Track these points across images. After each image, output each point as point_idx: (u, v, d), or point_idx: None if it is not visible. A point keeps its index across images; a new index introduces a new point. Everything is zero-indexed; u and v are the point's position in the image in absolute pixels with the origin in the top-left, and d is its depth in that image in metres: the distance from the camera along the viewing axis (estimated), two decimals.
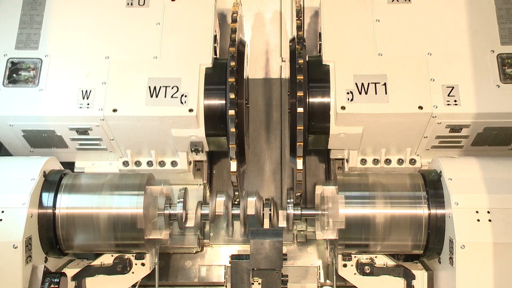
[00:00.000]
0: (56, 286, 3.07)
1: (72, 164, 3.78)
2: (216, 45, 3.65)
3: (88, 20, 3.59)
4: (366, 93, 3.32)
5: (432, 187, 3.24)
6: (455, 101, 3.31)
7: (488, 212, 3.01)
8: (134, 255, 3.43)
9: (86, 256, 3.66)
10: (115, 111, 3.32)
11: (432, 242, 3.21)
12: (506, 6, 3.54)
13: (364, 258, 3.41)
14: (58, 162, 3.53)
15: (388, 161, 3.68)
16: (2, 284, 2.93)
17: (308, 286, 3.98)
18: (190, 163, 3.71)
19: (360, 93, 3.32)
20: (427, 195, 3.24)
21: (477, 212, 3.01)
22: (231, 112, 3.16)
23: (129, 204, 3.23)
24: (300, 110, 3.14)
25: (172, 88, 3.35)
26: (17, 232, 2.97)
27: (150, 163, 3.66)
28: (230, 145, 3.19)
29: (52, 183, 3.28)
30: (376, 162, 3.69)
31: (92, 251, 3.49)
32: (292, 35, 3.85)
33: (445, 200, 3.17)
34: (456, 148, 3.62)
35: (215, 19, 3.65)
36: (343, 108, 3.29)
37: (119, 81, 3.39)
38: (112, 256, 3.41)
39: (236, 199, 3.52)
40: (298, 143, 3.15)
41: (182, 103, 3.31)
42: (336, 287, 3.59)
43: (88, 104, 3.34)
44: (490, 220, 2.99)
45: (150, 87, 3.35)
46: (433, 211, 3.20)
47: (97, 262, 3.40)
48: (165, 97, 3.32)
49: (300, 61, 3.26)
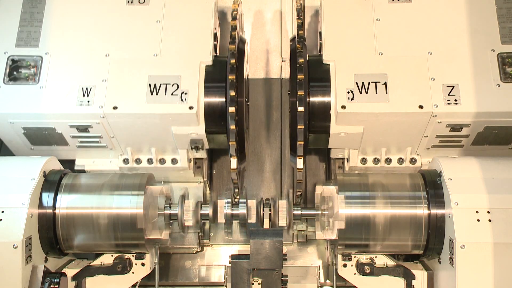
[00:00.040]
0: (56, 286, 3.06)
1: (72, 161, 3.78)
2: (216, 43, 3.65)
3: (89, 18, 3.59)
4: (367, 92, 3.32)
5: (432, 187, 3.24)
6: (456, 100, 3.30)
7: (488, 212, 3.01)
8: (134, 255, 3.43)
9: (86, 256, 3.66)
10: (115, 108, 3.32)
11: (432, 242, 3.21)
12: (506, 5, 3.54)
13: (364, 258, 3.40)
14: (58, 162, 3.53)
15: (388, 160, 3.67)
16: (2, 284, 2.93)
17: (308, 286, 3.98)
18: (190, 161, 3.70)
19: (360, 92, 3.32)
20: (427, 195, 3.23)
21: (477, 212, 3.01)
22: (231, 109, 3.16)
23: (129, 204, 3.23)
24: (301, 109, 3.14)
25: (172, 85, 3.35)
26: (17, 232, 2.97)
27: (150, 160, 3.66)
28: (230, 142, 3.19)
29: (52, 183, 3.28)
30: (376, 161, 3.69)
31: (92, 251, 3.48)
32: (293, 35, 3.84)
33: (445, 200, 3.17)
34: (456, 147, 3.62)
35: (215, 17, 3.65)
36: (343, 107, 3.28)
37: (119, 78, 3.39)
38: (112, 256, 3.41)
39: (237, 195, 3.52)
40: (298, 142, 3.15)
41: (182, 100, 3.31)
42: (336, 287, 3.59)
43: (88, 101, 3.34)
44: (490, 220, 2.99)
45: (150, 85, 3.35)
46: (433, 211, 3.19)
47: (97, 262, 3.39)
48: (165, 94, 3.32)
49: (301, 60, 3.25)
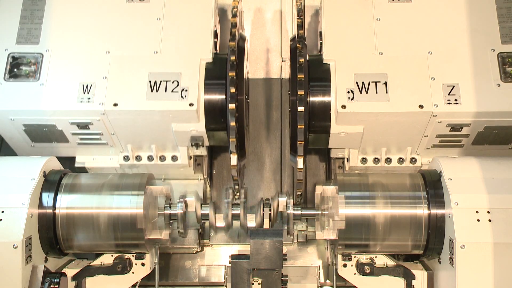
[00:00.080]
0: (56, 286, 3.06)
1: (73, 158, 3.78)
2: (216, 40, 3.65)
3: (89, 15, 3.59)
4: (367, 92, 3.32)
5: (432, 187, 3.24)
6: (456, 100, 3.30)
7: (488, 212, 3.00)
8: (134, 255, 3.42)
9: (86, 256, 3.65)
10: (115, 105, 3.31)
11: (432, 242, 3.21)
12: (506, 5, 3.54)
13: (364, 258, 3.40)
14: (58, 162, 3.52)
15: (388, 160, 3.67)
16: (2, 284, 2.92)
17: (308, 286, 3.98)
18: (190, 158, 3.71)
19: (360, 92, 3.32)
20: (427, 195, 3.23)
21: (477, 212, 3.01)
22: (231, 106, 3.16)
23: (129, 204, 3.23)
24: (301, 109, 3.14)
25: (172, 82, 3.34)
26: (17, 232, 2.96)
27: (150, 157, 3.66)
28: (230, 139, 3.18)
29: (52, 183, 3.27)
30: (376, 161, 3.69)
31: (92, 251, 3.48)
32: (293, 34, 3.84)
33: (445, 200, 3.16)
34: (456, 147, 3.62)
35: (215, 14, 3.65)
36: (343, 107, 3.28)
37: (119, 75, 3.39)
38: (112, 256, 3.40)
39: (236, 193, 3.52)
40: (298, 142, 3.15)
41: (182, 97, 3.31)
42: (336, 287, 3.58)
43: (88, 98, 3.34)
44: (490, 220, 2.98)
45: (150, 82, 3.35)
46: (433, 211, 3.19)
47: (97, 262, 3.39)
48: (165, 91, 3.32)
49: (301, 60, 3.25)
